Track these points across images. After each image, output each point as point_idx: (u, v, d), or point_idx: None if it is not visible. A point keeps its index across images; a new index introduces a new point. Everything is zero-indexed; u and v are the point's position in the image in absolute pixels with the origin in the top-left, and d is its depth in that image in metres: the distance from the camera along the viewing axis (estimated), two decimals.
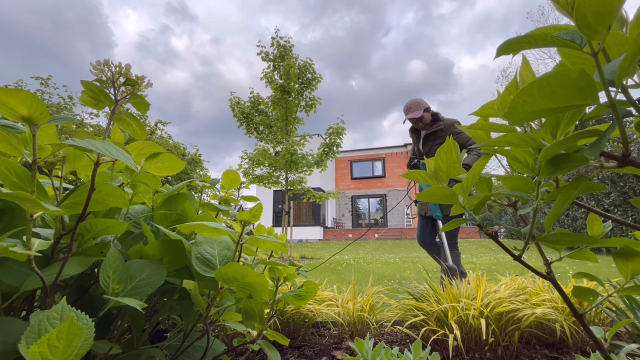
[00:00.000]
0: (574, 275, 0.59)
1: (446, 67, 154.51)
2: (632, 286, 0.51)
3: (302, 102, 7.46)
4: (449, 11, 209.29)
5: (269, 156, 7.37)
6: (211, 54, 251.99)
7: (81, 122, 14.77)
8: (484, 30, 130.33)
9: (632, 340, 1.13)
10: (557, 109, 0.30)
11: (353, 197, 20.83)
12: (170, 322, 1.00)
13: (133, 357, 0.65)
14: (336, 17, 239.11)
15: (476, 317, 1.17)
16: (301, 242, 16.26)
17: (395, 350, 0.81)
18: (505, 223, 0.56)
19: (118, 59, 7.81)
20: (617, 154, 0.35)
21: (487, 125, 0.44)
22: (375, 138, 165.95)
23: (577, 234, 0.44)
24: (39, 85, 13.59)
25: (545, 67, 19.41)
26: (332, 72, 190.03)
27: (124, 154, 0.51)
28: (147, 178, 0.73)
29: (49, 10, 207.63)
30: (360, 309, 1.40)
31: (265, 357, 1.21)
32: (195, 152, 19.18)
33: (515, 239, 12.42)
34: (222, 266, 0.60)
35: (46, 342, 0.36)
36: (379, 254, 7.89)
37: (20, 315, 0.60)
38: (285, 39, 7.29)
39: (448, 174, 0.51)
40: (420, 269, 4.67)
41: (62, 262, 0.52)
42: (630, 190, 6.49)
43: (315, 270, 4.81)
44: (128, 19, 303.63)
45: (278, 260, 1.05)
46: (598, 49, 0.29)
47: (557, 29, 0.34)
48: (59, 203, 0.53)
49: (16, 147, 0.52)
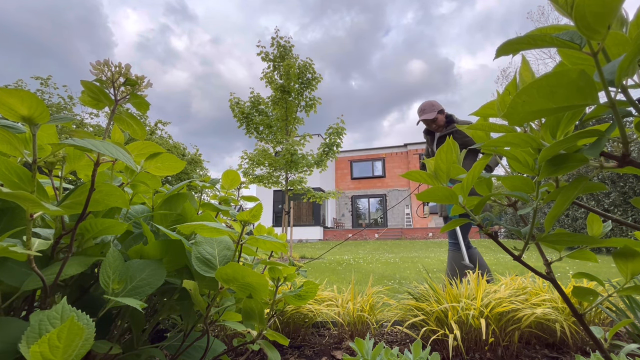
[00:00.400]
0: (574, 275, 0.59)
1: (446, 67, 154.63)
2: (632, 286, 0.51)
3: (302, 102, 7.46)
4: (448, 11, 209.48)
5: (269, 156, 7.37)
6: (211, 54, 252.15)
7: (81, 122, 14.77)
8: (484, 30, 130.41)
9: (632, 340, 1.13)
10: (557, 109, 0.30)
11: (353, 197, 20.83)
12: (170, 322, 1.00)
13: (133, 357, 0.66)
14: (336, 17, 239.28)
15: (476, 317, 1.17)
16: (301, 242, 16.26)
17: (395, 350, 0.81)
18: (505, 223, 0.56)
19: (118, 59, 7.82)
20: (617, 154, 0.35)
21: (487, 126, 0.44)
22: (375, 138, 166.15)
23: (577, 234, 0.44)
24: (39, 85, 13.60)
25: (545, 67, 19.42)
26: (332, 72, 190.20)
27: (124, 153, 0.51)
28: (147, 178, 0.73)
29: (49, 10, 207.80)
30: (360, 309, 1.40)
31: (265, 357, 1.21)
32: (195, 152, 19.18)
33: (515, 239, 12.43)
34: (222, 266, 0.60)
35: (47, 342, 0.36)
36: (379, 254, 7.89)
37: (20, 315, 0.60)
38: (285, 39, 7.29)
39: (448, 174, 0.51)
40: (420, 269, 4.67)
41: (62, 262, 0.52)
42: (630, 190, 6.49)
43: (315, 270, 4.81)
44: (128, 19, 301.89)
45: (278, 260, 1.05)
46: (598, 49, 0.29)
47: (557, 29, 0.34)
48: (59, 203, 0.53)
49: (16, 147, 0.52)
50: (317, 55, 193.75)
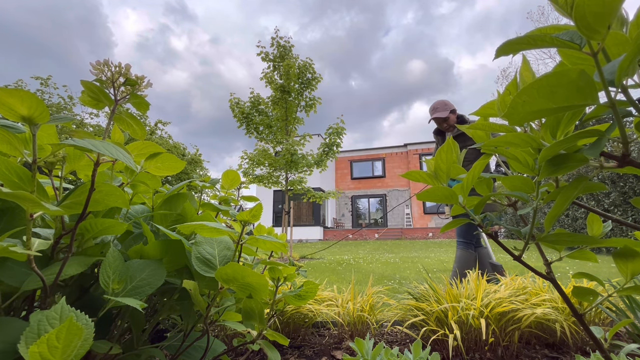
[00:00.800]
0: (574, 275, 0.59)
1: (446, 67, 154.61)
2: (632, 286, 0.51)
3: (302, 102, 7.46)
4: (448, 11, 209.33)
5: (269, 156, 7.37)
6: (211, 54, 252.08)
7: (81, 122, 14.77)
8: (484, 30, 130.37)
9: (632, 340, 1.13)
10: (557, 109, 0.30)
11: (353, 197, 20.83)
12: (170, 322, 1.00)
13: (133, 357, 0.65)
14: (336, 17, 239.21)
15: (476, 317, 1.17)
16: (301, 242, 16.26)
17: (395, 350, 0.81)
18: (505, 223, 0.56)
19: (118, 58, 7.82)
20: (617, 154, 0.35)
21: (487, 125, 0.44)
22: (375, 138, 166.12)
23: (577, 234, 0.44)
24: (39, 85, 13.61)
25: (545, 67, 19.42)
26: (332, 72, 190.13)
27: (124, 154, 0.51)
28: (147, 178, 0.73)
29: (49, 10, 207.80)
30: (360, 309, 1.40)
31: (265, 357, 1.21)
32: (195, 152, 19.19)
33: (515, 239, 12.43)
34: (222, 266, 0.60)
35: (45, 342, 0.36)
36: (379, 254, 7.89)
37: (20, 315, 0.60)
38: (285, 39, 7.29)
39: (448, 174, 0.51)
40: (420, 269, 4.67)
41: (62, 262, 0.52)
42: (630, 190, 6.49)
43: (315, 270, 4.81)
44: (127, 19, 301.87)
45: (278, 260, 1.05)
46: (598, 49, 0.29)
47: (557, 29, 0.34)
48: (59, 203, 0.53)
49: (16, 147, 0.52)
50: (317, 55, 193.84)
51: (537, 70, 18.71)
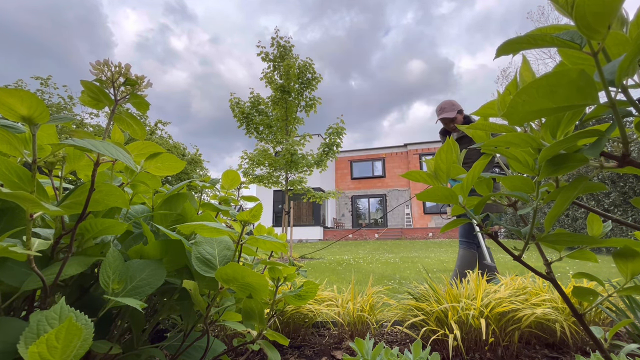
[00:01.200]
0: (574, 275, 0.59)
1: (446, 67, 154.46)
2: (632, 286, 0.51)
3: (302, 102, 7.46)
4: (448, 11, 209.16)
5: (269, 156, 7.37)
6: (211, 54, 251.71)
7: (81, 122, 14.77)
8: (484, 30, 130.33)
9: (632, 340, 1.13)
10: (557, 109, 0.30)
11: (353, 197, 20.83)
12: (170, 322, 1.00)
13: (133, 357, 0.65)
14: (336, 17, 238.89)
15: (476, 317, 1.17)
16: (301, 242, 16.26)
17: (395, 350, 0.81)
18: (505, 223, 0.56)
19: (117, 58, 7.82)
20: (617, 154, 0.35)
21: (487, 125, 0.44)
22: (375, 138, 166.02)
23: (577, 234, 0.44)
24: (39, 85, 13.61)
25: (545, 67, 19.41)
26: (332, 72, 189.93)
27: (124, 154, 0.51)
28: (147, 178, 0.73)
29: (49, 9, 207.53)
30: (360, 309, 1.40)
31: (265, 357, 1.21)
32: (195, 152, 19.19)
33: (515, 239, 12.43)
34: (222, 266, 0.60)
35: (45, 342, 0.36)
36: (379, 254, 7.89)
37: (20, 315, 0.60)
38: (285, 39, 7.29)
39: (448, 174, 0.51)
40: (420, 269, 4.67)
41: (62, 262, 0.52)
42: (630, 190, 6.49)
43: (315, 270, 4.81)
44: (127, 19, 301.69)
45: (278, 260, 1.05)
46: (598, 49, 0.29)
47: (557, 29, 0.34)
48: (59, 203, 0.53)
49: (16, 147, 0.52)
50: (317, 55, 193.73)
51: (537, 70, 18.71)
